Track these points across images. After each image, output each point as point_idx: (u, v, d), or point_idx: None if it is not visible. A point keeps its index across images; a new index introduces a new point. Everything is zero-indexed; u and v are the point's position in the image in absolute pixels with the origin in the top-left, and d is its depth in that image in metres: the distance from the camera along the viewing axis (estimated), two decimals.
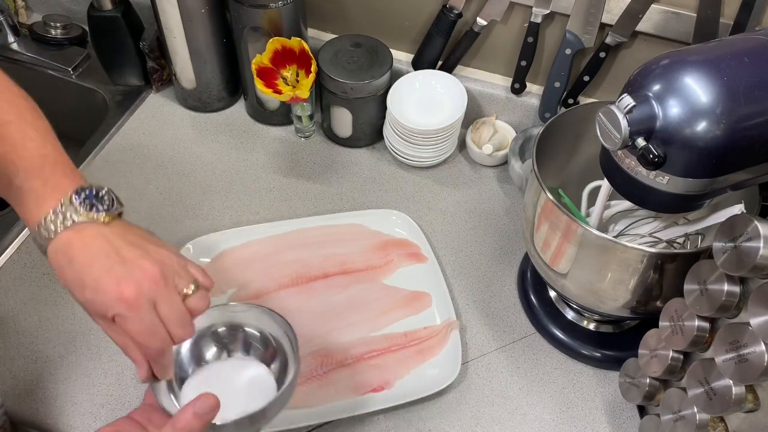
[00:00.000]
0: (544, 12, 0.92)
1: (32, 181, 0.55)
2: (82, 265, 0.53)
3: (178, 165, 1.01)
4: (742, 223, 0.54)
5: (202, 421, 0.53)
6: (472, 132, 1.03)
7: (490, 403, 0.79)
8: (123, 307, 0.52)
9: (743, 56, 0.55)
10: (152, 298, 0.53)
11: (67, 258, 0.53)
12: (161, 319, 0.54)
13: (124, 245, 0.55)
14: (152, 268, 0.54)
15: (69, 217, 0.54)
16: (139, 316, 0.53)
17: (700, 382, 0.59)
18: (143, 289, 0.53)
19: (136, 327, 0.53)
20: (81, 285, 0.53)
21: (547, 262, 0.76)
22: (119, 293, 0.52)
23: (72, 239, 0.54)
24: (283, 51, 0.92)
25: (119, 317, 0.53)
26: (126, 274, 0.53)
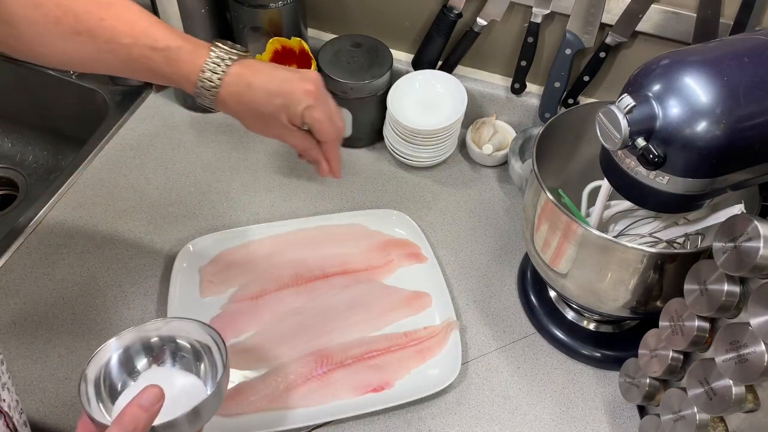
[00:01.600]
0: (544, 12, 0.92)
1: (176, 40, 0.63)
2: (262, 83, 0.64)
3: (178, 165, 1.01)
4: (742, 223, 0.54)
5: (148, 412, 0.52)
6: (472, 132, 1.03)
7: (490, 403, 0.79)
8: (311, 99, 0.65)
9: (743, 56, 0.55)
10: (323, 93, 0.67)
11: (245, 83, 0.64)
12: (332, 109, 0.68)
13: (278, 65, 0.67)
14: (314, 73, 0.68)
15: (228, 57, 0.64)
16: (322, 103, 0.66)
17: (700, 382, 0.59)
18: (319, 85, 0.66)
19: (323, 113, 0.66)
20: (268, 97, 0.64)
21: (547, 262, 0.76)
22: (304, 89, 0.65)
23: (240, 70, 0.64)
24: (283, 51, 0.92)
25: (308, 109, 0.65)
26: (302, 78, 0.66)
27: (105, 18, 0.61)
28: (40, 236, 0.91)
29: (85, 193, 0.97)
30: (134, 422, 0.51)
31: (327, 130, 0.67)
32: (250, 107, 0.65)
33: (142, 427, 0.52)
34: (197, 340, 0.64)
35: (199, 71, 0.63)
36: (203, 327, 0.64)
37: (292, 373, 0.79)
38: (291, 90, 0.64)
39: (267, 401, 0.76)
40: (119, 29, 0.61)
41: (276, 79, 0.65)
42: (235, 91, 0.64)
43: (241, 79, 0.64)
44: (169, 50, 0.62)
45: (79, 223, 0.93)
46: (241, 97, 0.64)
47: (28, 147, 1.22)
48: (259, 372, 0.79)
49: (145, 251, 0.90)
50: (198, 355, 0.64)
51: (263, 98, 0.64)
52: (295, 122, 0.67)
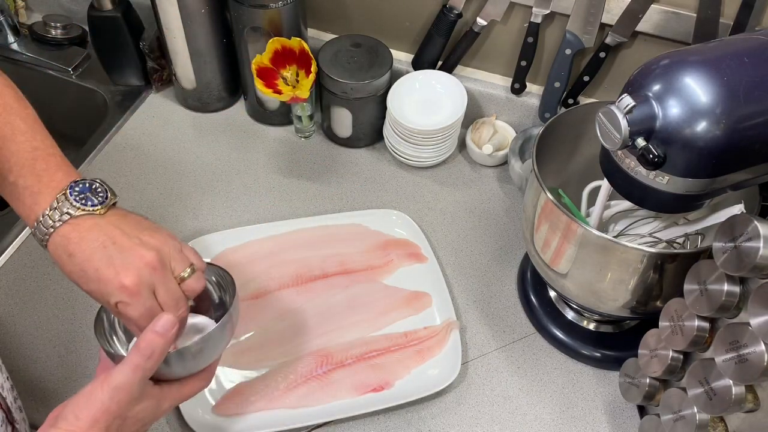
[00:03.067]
0: (544, 12, 0.92)
1: (27, 177, 0.57)
2: (81, 259, 0.55)
3: (178, 165, 1.01)
4: (742, 223, 0.54)
5: (164, 338, 0.53)
6: (472, 132, 1.03)
7: (490, 403, 0.79)
8: (124, 295, 0.55)
9: (743, 56, 0.55)
10: (151, 284, 0.56)
11: (67, 252, 0.56)
12: (159, 303, 0.57)
13: (121, 235, 0.57)
14: (150, 255, 0.56)
15: (65, 212, 0.55)
16: (140, 302, 0.55)
17: (700, 382, 0.59)
18: (143, 277, 0.55)
19: (137, 313, 0.56)
20: (84, 277, 0.56)
21: (547, 262, 0.76)
22: (120, 283, 0.55)
23: (70, 233, 0.56)
24: (283, 51, 0.92)
25: (121, 304, 0.55)
26: (125, 264, 0.55)
27: None
28: None
29: None
30: (151, 347, 0.53)
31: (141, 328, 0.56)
32: (70, 278, 0.57)
33: (158, 352, 0.53)
34: (209, 281, 0.65)
35: (34, 220, 0.56)
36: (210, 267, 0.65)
37: (292, 373, 0.79)
38: (107, 278, 0.55)
39: (267, 401, 0.77)
40: None
41: (95, 260, 0.55)
42: (59, 255, 0.56)
43: (65, 245, 0.56)
44: (15, 187, 0.57)
45: None
46: (62, 264, 0.57)
47: None
48: (259, 372, 0.79)
49: None
50: (209, 295, 0.66)
51: (80, 276, 0.56)
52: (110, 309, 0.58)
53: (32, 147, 0.58)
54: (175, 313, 0.57)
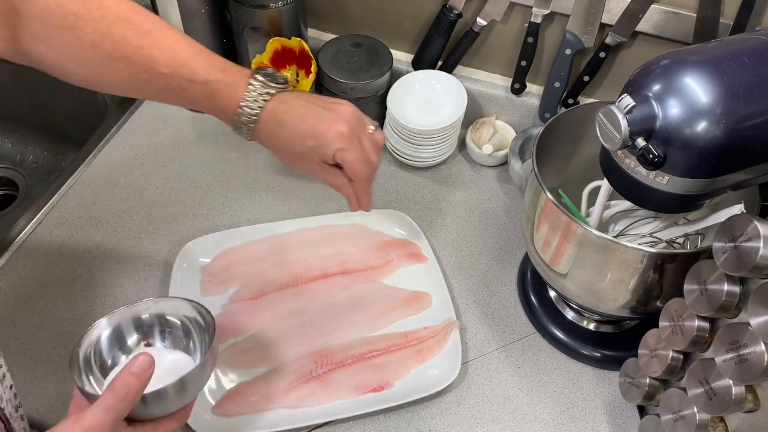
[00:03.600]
0: (544, 12, 0.92)
1: (215, 74, 0.62)
2: (295, 122, 0.63)
3: (178, 165, 1.01)
4: (742, 223, 0.54)
5: (140, 379, 0.52)
6: (472, 132, 1.03)
7: (490, 403, 0.79)
8: (343, 141, 0.64)
9: (743, 56, 0.55)
10: (358, 133, 0.65)
11: (278, 122, 0.63)
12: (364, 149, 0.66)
13: (317, 99, 0.66)
14: (351, 109, 0.66)
15: (266, 91, 0.63)
16: (355, 146, 0.65)
17: (700, 382, 0.59)
18: (353, 126, 0.65)
19: (355, 155, 0.65)
20: (300, 138, 0.64)
21: (547, 262, 0.76)
22: (337, 131, 0.64)
23: (276, 107, 0.63)
24: (283, 51, 0.92)
25: (340, 151, 0.64)
26: (335, 118, 0.64)
27: (143, 45, 0.60)
28: (39, 236, 0.91)
29: (85, 193, 0.96)
30: (125, 388, 0.52)
31: (358, 172, 0.66)
32: (283, 145, 0.65)
33: (133, 394, 0.52)
34: (186, 316, 0.66)
35: (236, 106, 0.63)
36: (192, 304, 0.65)
37: (292, 373, 0.79)
38: (323, 132, 0.64)
39: (267, 401, 0.76)
40: (158, 58, 0.61)
41: (309, 119, 0.64)
42: (269, 128, 0.64)
43: (274, 116, 0.63)
44: (207, 84, 0.62)
45: (79, 223, 0.93)
46: (273, 135, 0.64)
47: (28, 147, 1.22)
48: (259, 372, 0.79)
49: (145, 251, 0.90)
50: (188, 331, 0.66)
51: (295, 138, 0.64)
52: (327, 162, 0.66)
53: (197, 50, 0.63)
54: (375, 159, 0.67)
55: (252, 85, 0.63)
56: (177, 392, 0.56)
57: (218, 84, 0.62)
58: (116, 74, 0.62)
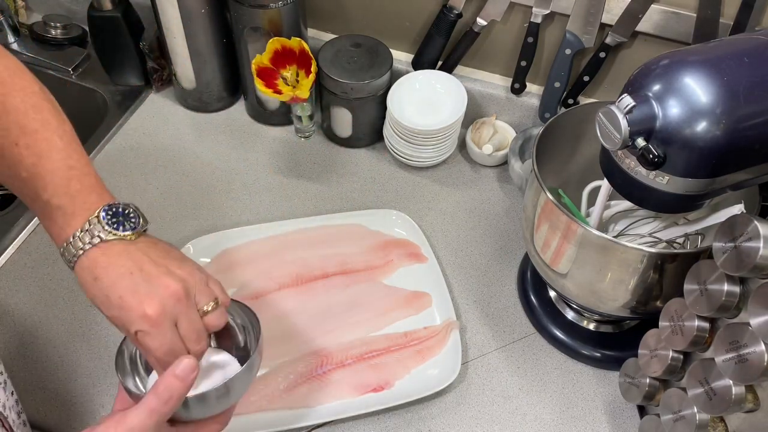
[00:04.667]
0: (544, 12, 0.92)
1: (60, 197, 0.56)
2: (107, 284, 0.54)
3: (178, 165, 1.01)
4: (742, 223, 0.54)
5: (183, 382, 0.52)
6: (472, 132, 1.03)
7: (490, 403, 0.79)
8: (146, 324, 0.54)
9: (743, 56, 0.55)
10: (174, 316, 0.55)
11: (93, 276, 0.55)
12: (180, 336, 0.55)
13: (148, 262, 0.56)
14: (175, 286, 0.55)
15: (96, 235, 0.55)
16: (161, 332, 0.54)
17: (700, 382, 0.59)
18: (166, 308, 0.54)
19: (157, 343, 0.54)
20: (107, 302, 0.54)
21: (547, 262, 0.76)
22: (142, 311, 0.53)
23: (98, 257, 0.55)
24: (283, 51, 0.92)
25: (141, 333, 0.54)
26: (150, 293, 0.54)
27: (19, 144, 0.56)
28: (40, 236, 0.91)
29: None
30: (169, 392, 0.52)
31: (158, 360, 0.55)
32: (93, 301, 0.56)
33: (177, 397, 0.52)
34: (234, 319, 0.65)
35: (63, 242, 0.56)
36: (241, 307, 0.65)
37: (292, 373, 0.79)
38: (129, 306, 0.54)
39: (267, 401, 0.77)
40: (24, 161, 0.56)
41: (120, 287, 0.54)
42: (85, 278, 0.55)
43: (92, 268, 0.55)
44: (48, 205, 0.56)
45: None
46: (87, 287, 0.56)
47: None
48: (259, 372, 0.79)
49: None
50: (233, 332, 0.65)
51: (103, 301, 0.55)
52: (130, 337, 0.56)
53: (68, 166, 0.57)
54: (195, 348, 0.56)
55: (88, 224, 0.55)
56: (220, 396, 0.56)
57: (58, 210, 0.56)
58: None
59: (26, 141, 0.56)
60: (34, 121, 0.57)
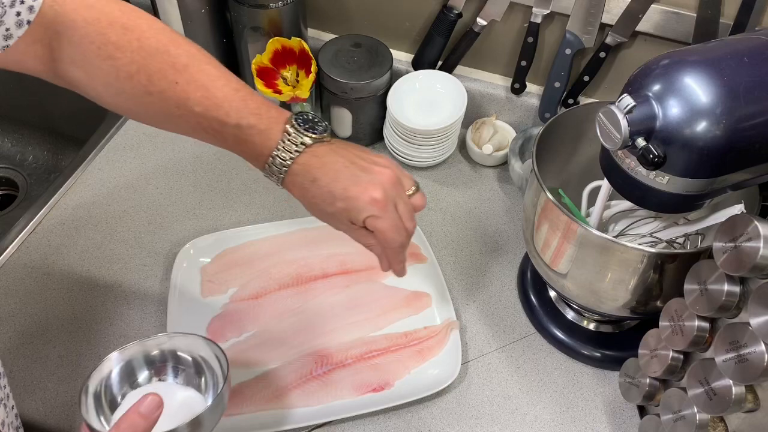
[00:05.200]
0: (544, 12, 0.92)
1: (248, 118, 0.59)
2: (327, 180, 0.59)
3: (178, 165, 1.01)
4: (742, 223, 0.54)
5: (147, 420, 0.52)
6: (472, 132, 1.03)
7: (490, 403, 0.79)
8: (376, 208, 0.59)
9: (743, 56, 0.55)
10: (394, 198, 0.60)
11: (311, 178, 0.59)
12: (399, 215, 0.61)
13: (355, 157, 0.61)
14: (388, 172, 0.60)
15: (300, 142, 0.59)
16: (388, 214, 0.59)
17: (700, 382, 0.59)
18: (388, 192, 0.59)
19: (387, 224, 0.59)
20: (331, 198, 0.59)
21: (547, 262, 0.76)
22: (370, 197, 0.58)
23: (309, 160, 0.59)
24: (283, 51, 0.92)
25: (371, 218, 0.59)
26: (371, 181, 0.59)
27: (179, 82, 0.58)
28: (40, 236, 0.91)
29: (85, 193, 0.97)
30: (132, 429, 0.51)
31: (390, 240, 0.60)
32: (313, 201, 0.60)
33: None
34: (199, 354, 0.64)
35: (268, 156, 0.59)
36: (206, 342, 0.64)
37: (292, 373, 0.79)
38: (355, 195, 0.58)
39: (267, 401, 0.77)
40: (191, 96, 0.58)
41: (342, 180, 0.59)
42: (300, 182, 0.60)
43: (306, 171, 0.59)
44: (239, 128, 0.59)
45: (79, 223, 0.93)
46: (304, 189, 0.60)
47: (28, 147, 1.22)
48: (259, 372, 0.79)
49: (145, 251, 0.90)
50: (199, 369, 0.64)
51: (326, 197, 0.59)
52: (357, 224, 0.61)
53: (234, 89, 0.59)
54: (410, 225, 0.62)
55: (286, 134, 0.59)
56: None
57: (251, 129, 0.59)
58: (150, 107, 0.60)
59: (184, 77, 0.58)
60: (181, 57, 0.59)
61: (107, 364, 0.62)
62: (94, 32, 0.57)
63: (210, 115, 0.58)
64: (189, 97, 0.58)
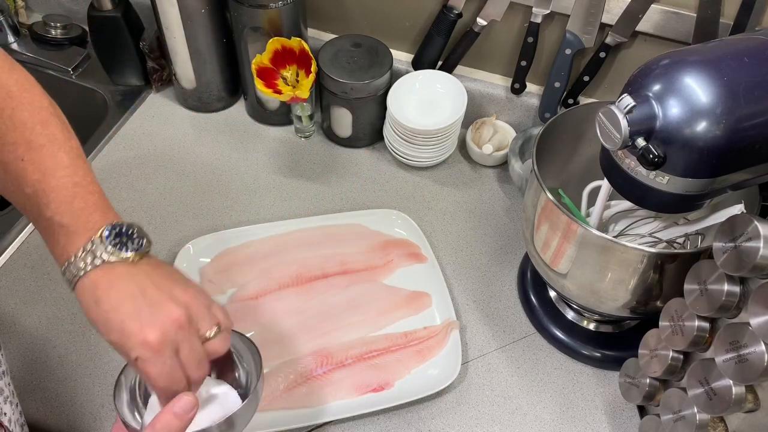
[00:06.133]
0: (544, 12, 0.92)
1: (63, 215, 0.55)
2: (108, 307, 0.53)
3: (178, 165, 1.01)
4: (742, 223, 0.54)
5: (182, 420, 0.52)
6: (472, 132, 1.03)
7: (490, 403, 0.79)
8: (146, 351, 0.52)
9: (743, 56, 0.55)
10: (175, 342, 0.53)
11: (94, 298, 0.53)
12: (180, 362, 0.54)
13: (151, 286, 0.55)
14: (178, 312, 0.54)
15: (99, 256, 0.53)
16: (161, 360, 0.53)
17: (700, 382, 0.59)
18: (167, 334, 0.53)
19: (156, 370, 0.53)
20: (107, 326, 0.53)
21: (547, 262, 0.76)
22: (143, 338, 0.52)
23: (99, 279, 0.53)
24: (283, 51, 0.92)
25: (141, 360, 0.52)
26: (151, 319, 0.53)
27: (25, 160, 0.55)
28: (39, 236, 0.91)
29: None
30: (167, 429, 0.51)
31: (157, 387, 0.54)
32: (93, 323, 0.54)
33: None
34: (234, 349, 0.64)
35: (64, 261, 0.55)
36: (240, 337, 0.64)
37: (292, 373, 0.79)
38: (130, 332, 0.52)
39: (267, 401, 0.77)
40: (28, 177, 0.55)
41: (122, 311, 0.53)
42: (85, 300, 0.54)
43: (93, 291, 0.54)
44: (51, 222, 0.55)
45: None
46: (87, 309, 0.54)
47: None
48: None
49: None
50: (233, 364, 0.64)
51: (103, 324, 0.53)
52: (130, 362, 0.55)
53: (73, 183, 0.56)
54: (195, 375, 0.55)
55: (91, 244, 0.54)
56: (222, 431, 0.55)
57: (60, 228, 0.54)
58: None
59: (32, 156, 0.55)
60: (41, 137, 0.56)
61: None
62: None
63: (34, 201, 0.55)
64: (26, 176, 0.55)
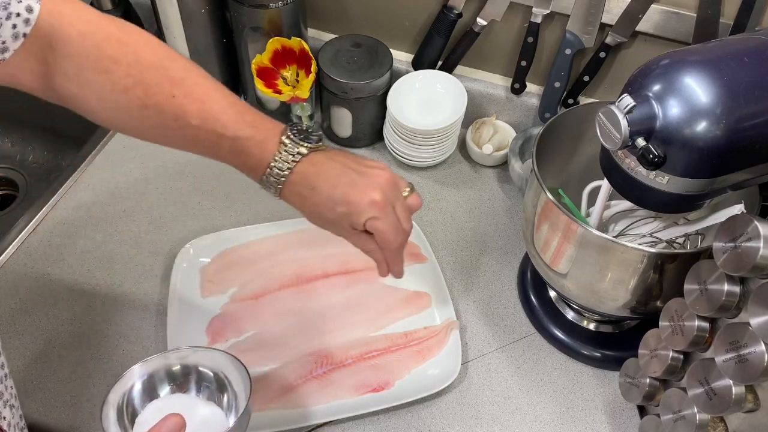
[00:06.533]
0: (544, 12, 0.92)
1: (245, 130, 0.60)
2: (326, 187, 0.60)
3: (178, 165, 1.01)
4: (742, 223, 0.54)
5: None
6: (472, 132, 1.03)
7: (490, 403, 0.79)
8: (375, 210, 0.60)
9: (743, 56, 0.55)
10: (392, 200, 0.61)
11: (310, 186, 0.60)
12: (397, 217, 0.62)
13: (351, 163, 0.62)
14: (386, 174, 0.62)
15: (296, 152, 0.60)
16: (387, 215, 0.60)
17: (700, 382, 0.59)
18: (386, 193, 0.61)
19: (387, 225, 0.61)
20: (331, 204, 0.60)
21: (547, 262, 0.76)
22: (370, 199, 0.60)
23: (306, 170, 0.60)
24: (283, 51, 0.92)
25: (372, 220, 0.60)
26: (368, 184, 0.60)
27: (175, 95, 0.58)
28: (40, 236, 0.91)
29: (85, 193, 0.97)
30: None
31: (390, 241, 0.62)
32: (313, 210, 0.61)
33: None
34: (222, 370, 0.64)
35: (265, 167, 0.60)
36: (228, 358, 0.64)
37: (292, 373, 0.79)
38: (355, 199, 0.59)
39: (267, 401, 0.76)
40: (188, 109, 0.58)
41: (341, 185, 0.60)
42: (299, 192, 0.61)
43: (305, 180, 0.60)
44: (236, 140, 0.59)
45: (79, 223, 0.93)
46: (304, 199, 0.61)
47: (28, 147, 1.22)
48: (259, 372, 0.79)
49: (145, 251, 0.90)
50: (222, 385, 0.64)
51: (326, 204, 0.60)
52: (358, 229, 0.62)
53: (230, 102, 0.60)
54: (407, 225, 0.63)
55: (283, 145, 0.60)
56: None
57: (248, 141, 0.60)
58: (145, 121, 0.60)
59: (180, 90, 0.58)
60: (177, 71, 0.59)
61: (129, 376, 0.62)
62: (90, 46, 0.57)
63: (207, 128, 0.59)
64: (186, 110, 0.58)
